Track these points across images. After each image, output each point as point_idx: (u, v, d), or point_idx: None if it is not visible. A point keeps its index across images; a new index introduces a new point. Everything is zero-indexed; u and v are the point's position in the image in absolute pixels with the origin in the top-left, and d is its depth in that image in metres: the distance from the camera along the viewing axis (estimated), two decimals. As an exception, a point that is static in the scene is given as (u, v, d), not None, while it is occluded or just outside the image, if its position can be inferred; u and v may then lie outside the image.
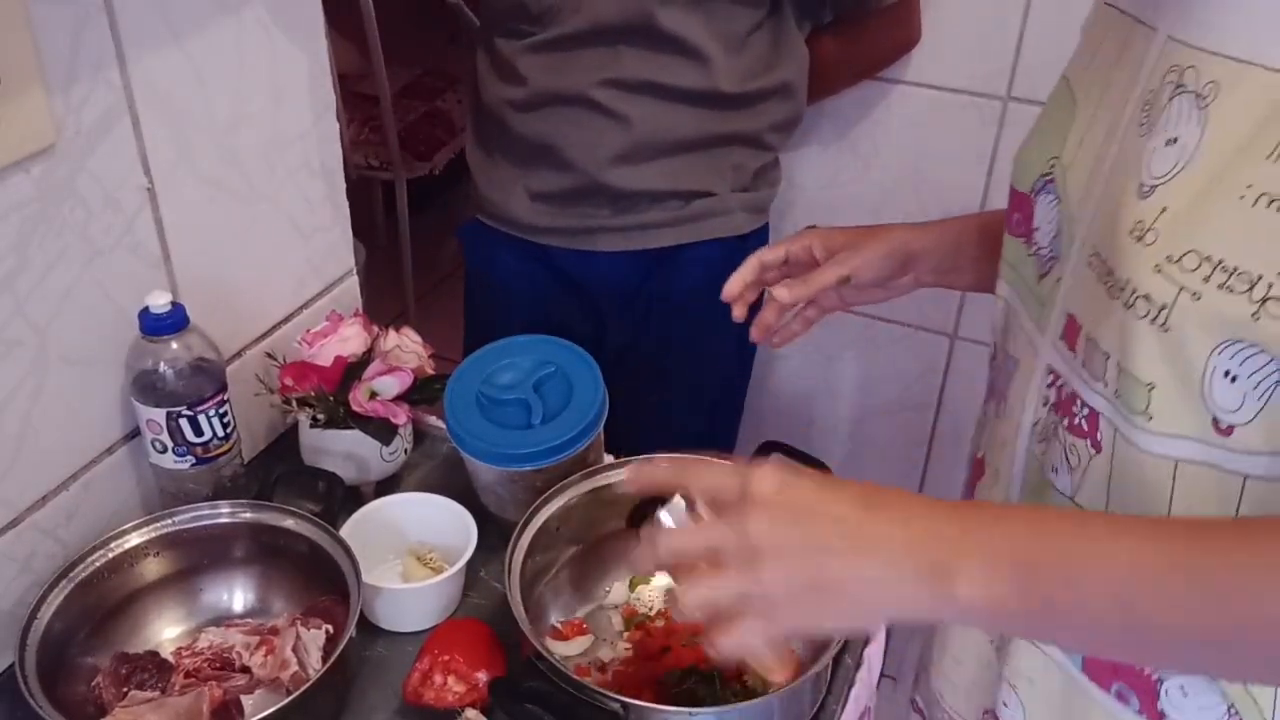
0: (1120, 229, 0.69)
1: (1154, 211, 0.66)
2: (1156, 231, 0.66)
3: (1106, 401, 0.72)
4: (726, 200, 1.49)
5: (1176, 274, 0.64)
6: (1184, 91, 0.67)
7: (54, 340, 0.94)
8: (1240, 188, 0.62)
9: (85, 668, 0.93)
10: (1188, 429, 0.67)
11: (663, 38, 1.37)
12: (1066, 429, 0.77)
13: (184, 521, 0.99)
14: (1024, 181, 0.84)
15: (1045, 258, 0.80)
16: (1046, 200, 0.80)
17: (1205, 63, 0.67)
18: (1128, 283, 0.67)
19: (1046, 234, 0.80)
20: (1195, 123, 0.66)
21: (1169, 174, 0.67)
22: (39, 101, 0.87)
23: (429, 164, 2.91)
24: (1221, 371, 0.64)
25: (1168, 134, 0.68)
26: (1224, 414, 0.65)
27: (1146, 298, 0.66)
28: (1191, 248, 0.64)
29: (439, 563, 1.05)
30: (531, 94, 1.43)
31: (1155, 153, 0.68)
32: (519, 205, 1.50)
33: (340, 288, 1.29)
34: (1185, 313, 0.64)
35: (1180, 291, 0.64)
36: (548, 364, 1.09)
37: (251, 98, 1.08)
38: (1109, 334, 0.70)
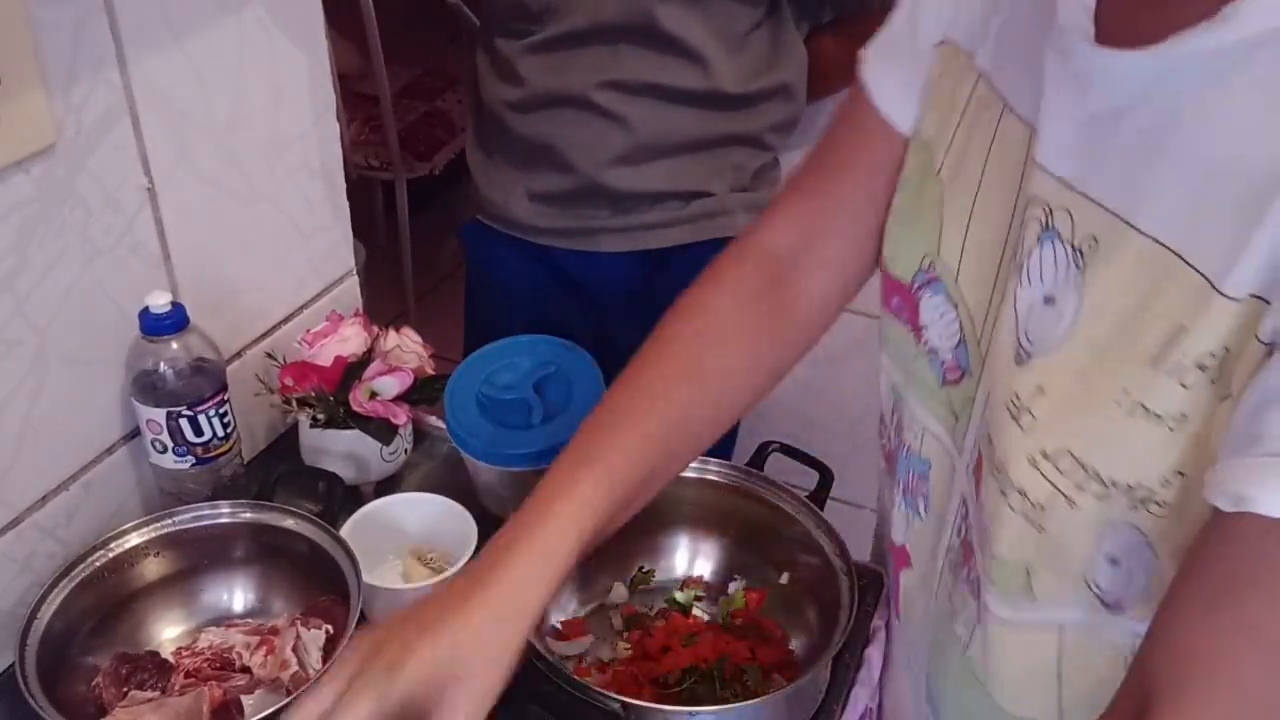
0: (997, 395, 0.63)
1: (1030, 390, 0.60)
2: (1034, 418, 0.60)
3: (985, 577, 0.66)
4: (726, 200, 1.49)
5: (1052, 473, 0.59)
6: (1055, 238, 0.60)
7: (54, 340, 0.94)
8: (1116, 391, 0.56)
9: (85, 668, 0.93)
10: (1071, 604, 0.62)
11: (662, 38, 1.37)
12: (964, 579, 0.72)
13: (184, 521, 0.99)
14: (900, 268, 0.76)
15: (948, 364, 0.73)
16: (934, 301, 0.73)
17: (1081, 210, 0.59)
18: (1004, 466, 0.61)
19: (944, 338, 0.73)
20: (1072, 285, 0.59)
21: (1046, 344, 0.60)
22: (39, 101, 0.87)
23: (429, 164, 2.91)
24: (1107, 560, 0.59)
25: (1044, 289, 0.61)
26: (1110, 596, 0.61)
27: (1021, 493, 0.61)
28: (1067, 448, 0.58)
29: (439, 563, 1.05)
30: (531, 95, 1.43)
31: (1033, 311, 0.61)
32: (519, 206, 1.50)
33: (340, 288, 1.29)
34: (1061, 518, 0.59)
35: (1055, 495, 0.59)
36: (548, 364, 1.09)
37: (251, 98, 1.08)
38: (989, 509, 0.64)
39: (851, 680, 0.96)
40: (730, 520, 1.06)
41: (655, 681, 0.95)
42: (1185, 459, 0.55)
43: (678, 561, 1.08)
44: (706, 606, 1.05)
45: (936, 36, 0.74)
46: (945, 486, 0.76)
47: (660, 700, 0.93)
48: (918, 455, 0.79)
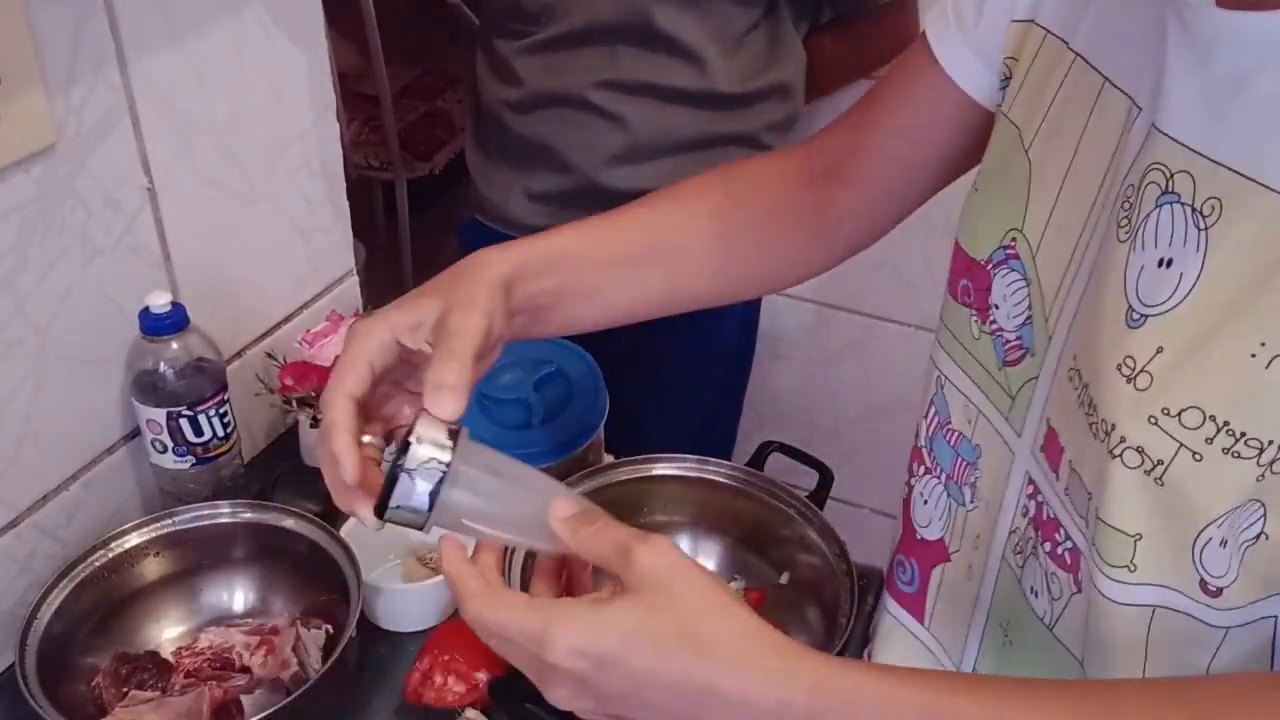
0: (1104, 359, 0.61)
1: (1147, 349, 0.59)
2: (1150, 375, 0.59)
3: (1088, 543, 0.65)
4: (726, 200, 1.49)
5: (1176, 429, 0.57)
6: (1176, 202, 0.59)
7: (54, 340, 0.94)
8: (1252, 344, 0.55)
9: (85, 668, 0.93)
10: (1174, 582, 0.61)
11: (659, 38, 1.37)
12: (1048, 555, 0.70)
13: (184, 521, 0.99)
14: (976, 248, 0.75)
15: (1011, 344, 0.72)
16: (1009, 279, 0.72)
17: (1203, 172, 0.58)
18: (1114, 429, 0.60)
19: (1012, 318, 0.72)
20: (1194, 247, 0.58)
21: (1164, 304, 0.59)
22: (39, 101, 0.87)
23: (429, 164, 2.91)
24: (1219, 541, 0.58)
25: (1159, 252, 0.60)
26: (1213, 579, 0.59)
27: (1139, 450, 0.59)
28: (1194, 403, 0.57)
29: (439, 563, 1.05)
30: (529, 95, 1.43)
31: (1144, 272, 0.60)
32: (518, 206, 1.50)
33: (340, 288, 1.29)
34: (1184, 473, 0.58)
35: (1179, 449, 0.57)
36: (548, 364, 1.09)
37: (251, 98, 1.08)
38: (1090, 474, 0.63)
39: (851, 680, 0.96)
40: (730, 520, 1.06)
41: (655, 681, 0.95)
42: None
43: (678, 561, 1.08)
44: (706, 606, 1.05)
45: (1017, 13, 0.75)
46: (999, 471, 0.75)
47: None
48: (969, 441, 0.78)
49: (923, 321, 1.82)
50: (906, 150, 0.84)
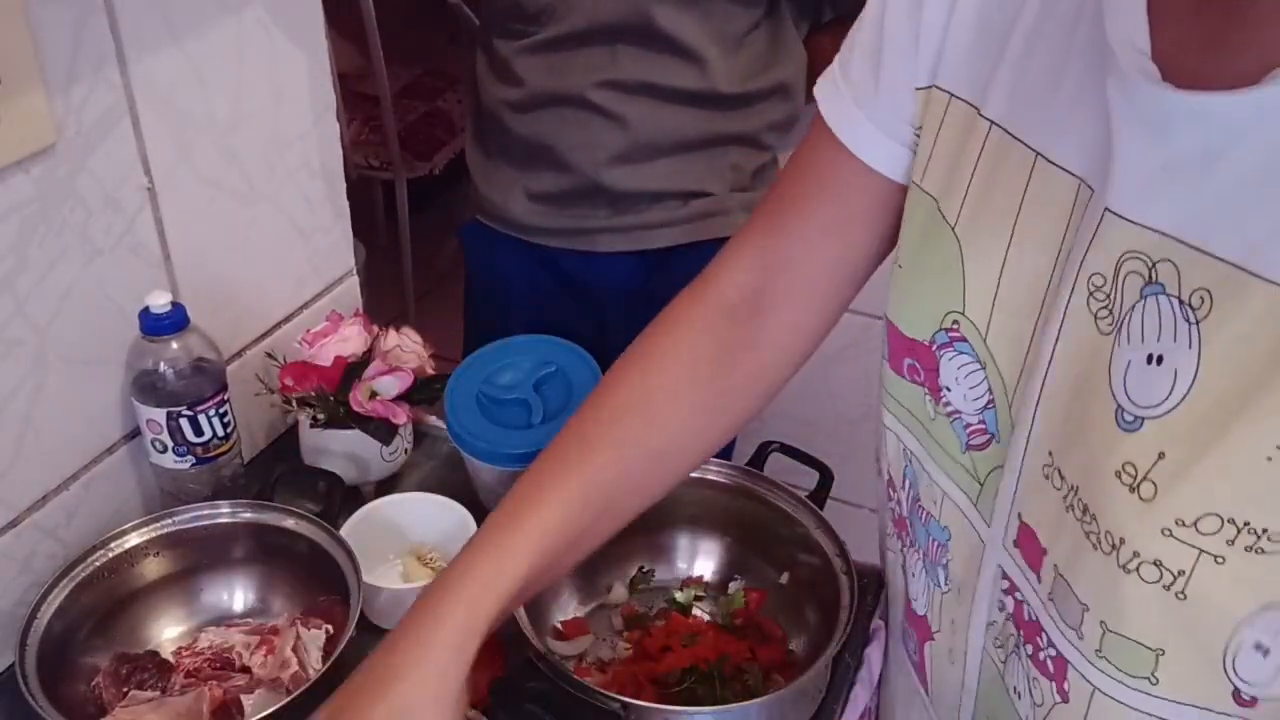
0: (1099, 464, 0.59)
1: (1148, 455, 0.56)
2: (1156, 486, 0.56)
3: (1081, 657, 0.62)
4: (725, 200, 1.49)
5: (1192, 538, 0.54)
6: (1160, 294, 0.56)
7: (54, 340, 0.94)
8: (1267, 447, 0.52)
9: (85, 668, 0.93)
10: (1201, 698, 0.58)
11: (659, 38, 1.37)
12: (1030, 659, 0.67)
13: (184, 521, 0.99)
14: (916, 329, 0.72)
15: (974, 428, 0.69)
16: (958, 361, 0.69)
17: (1187, 261, 0.55)
18: (1123, 543, 0.57)
19: (968, 400, 0.69)
20: (1186, 343, 0.55)
21: (1160, 406, 0.56)
22: (39, 101, 0.87)
23: (429, 164, 2.91)
24: (1251, 644, 0.55)
25: (1147, 347, 0.56)
26: (1248, 687, 0.56)
27: (1157, 564, 0.56)
28: (1209, 510, 0.54)
29: (439, 563, 1.05)
30: (529, 95, 1.43)
31: (1132, 369, 0.57)
32: (518, 206, 1.50)
33: (340, 288, 1.29)
34: (1207, 579, 0.55)
35: (1200, 555, 0.54)
36: (548, 364, 1.09)
37: (251, 98, 1.08)
38: (1091, 589, 0.60)
39: (851, 680, 0.96)
40: (730, 520, 1.06)
41: (655, 681, 0.95)
42: None
43: (678, 561, 1.08)
44: (706, 606, 1.05)
45: (918, 80, 0.71)
46: (970, 557, 0.72)
47: (660, 700, 0.93)
48: (937, 522, 0.75)
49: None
50: (841, 250, 0.78)
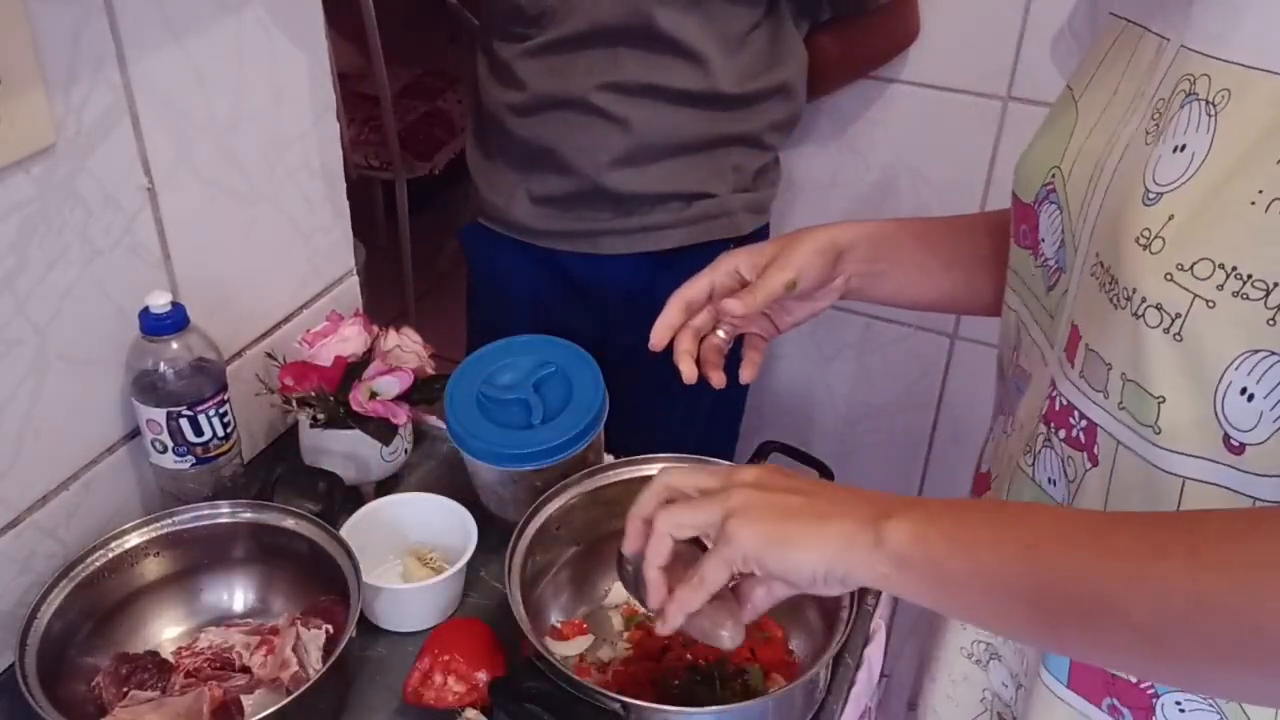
0: (1125, 236, 0.67)
1: (1161, 219, 0.65)
2: (1164, 239, 0.65)
3: (1107, 414, 0.70)
4: (728, 201, 1.49)
5: (1189, 282, 0.63)
6: (1195, 99, 0.66)
7: (54, 340, 0.94)
8: (1251, 193, 0.61)
9: (85, 668, 0.93)
10: (1197, 447, 0.66)
11: (660, 39, 1.37)
12: (1064, 441, 0.76)
13: (184, 521, 0.99)
14: (1026, 192, 0.82)
15: (1051, 269, 0.79)
16: (1050, 211, 0.79)
17: (1218, 71, 0.66)
18: (1134, 291, 0.66)
19: (1051, 245, 0.79)
20: (1205, 130, 0.65)
21: (1176, 181, 0.65)
22: (39, 101, 0.87)
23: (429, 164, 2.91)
24: (1238, 388, 0.62)
25: (1175, 141, 0.66)
26: (1237, 432, 0.64)
27: (1158, 307, 0.65)
28: (1204, 255, 0.63)
29: (439, 563, 1.05)
30: (530, 98, 1.43)
31: (1161, 160, 0.67)
32: (521, 209, 1.50)
33: (340, 288, 1.29)
34: (1200, 321, 0.63)
35: (1194, 300, 0.63)
36: (548, 364, 1.09)
37: (251, 98, 1.08)
38: (1113, 344, 0.69)
39: (851, 680, 0.96)
40: (730, 520, 1.05)
41: (655, 681, 0.95)
42: None
43: (678, 561, 1.08)
44: (706, 606, 1.05)
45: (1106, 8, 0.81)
46: (1038, 386, 0.80)
47: (660, 700, 0.93)
48: (1024, 373, 0.84)
49: (922, 321, 1.82)
50: None
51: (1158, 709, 0.75)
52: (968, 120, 1.64)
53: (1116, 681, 0.76)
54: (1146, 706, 0.75)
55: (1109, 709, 0.78)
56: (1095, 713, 0.79)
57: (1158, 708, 0.75)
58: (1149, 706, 0.75)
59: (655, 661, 0.98)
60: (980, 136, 1.64)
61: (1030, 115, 1.58)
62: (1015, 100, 1.60)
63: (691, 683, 0.95)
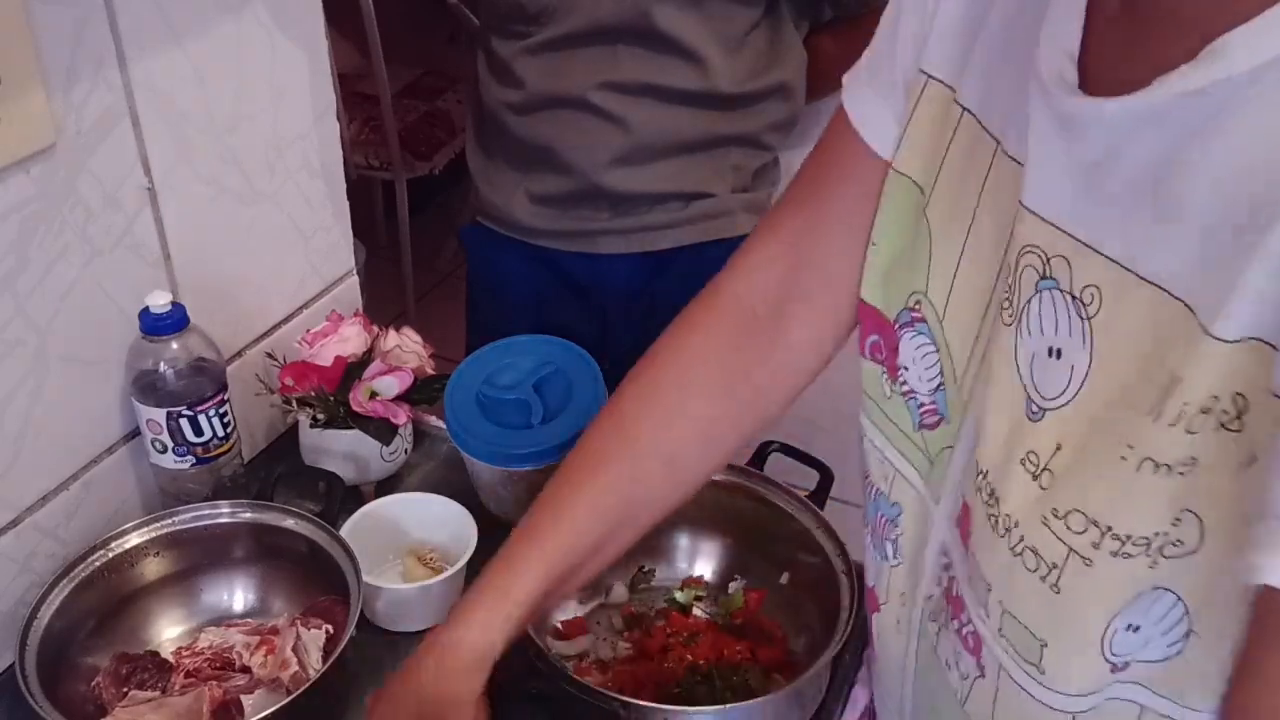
0: (1007, 450, 0.60)
1: (1048, 446, 0.58)
2: (1051, 473, 0.58)
3: (990, 634, 0.63)
4: (727, 201, 1.49)
5: (1064, 532, 0.56)
6: (1054, 288, 0.58)
7: (54, 340, 0.94)
8: (1121, 447, 0.54)
9: (85, 668, 0.93)
10: (1084, 687, 0.60)
11: (660, 38, 1.37)
12: (956, 632, 0.69)
13: (184, 521, 0.99)
14: (884, 305, 0.73)
15: (926, 408, 0.71)
16: (916, 341, 0.70)
17: (1079, 258, 0.57)
18: (1015, 526, 0.59)
19: (923, 382, 0.70)
20: (1080, 339, 0.57)
21: (1059, 399, 0.58)
22: (39, 101, 0.87)
23: (429, 164, 2.91)
24: (1124, 626, 0.56)
25: (1047, 340, 0.58)
26: (1123, 659, 0.58)
27: (1034, 551, 0.58)
28: (1076, 507, 0.56)
29: (439, 563, 1.05)
30: (529, 97, 1.43)
31: (1036, 361, 0.59)
32: (520, 208, 1.50)
33: (340, 288, 1.29)
34: (1077, 577, 0.56)
35: (1070, 554, 0.56)
36: (548, 364, 1.09)
37: (251, 98, 1.08)
38: (991, 568, 0.62)
39: (851, 680, 0.96)
40: (730, 520, 1.06)
41: (655, 681, 0.95)
42: (1199, 500, 0.52)
43: (678, 561, 1.08)
44: (706, 606, 1.05)
45: (918, 64, 0.72)
46: (918, 532, 0.73)
47: (660, 700, 0.93)
48: (887, 499, 0.76)
49: (923, 321, 1.82)
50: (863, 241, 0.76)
51: None
52: (967, 120, 1.63)
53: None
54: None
55: None
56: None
57: None
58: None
59: (655, 661, 0.98)
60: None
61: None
62: (1015, 100, 1.59)
63: (691, 683, 0.95)
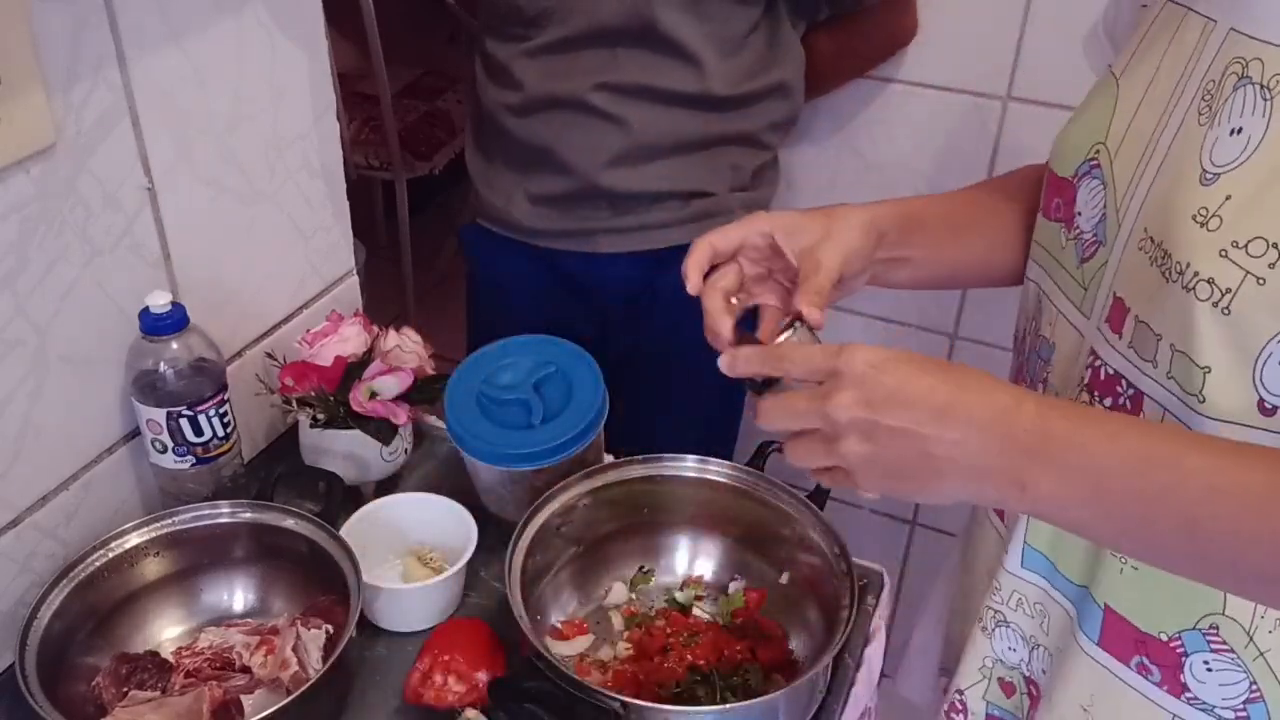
0: (1180, 214, 0.70)
1: (1218, 198, 0.68)
2: (1220, 218, 0.67)
3: (1155, 384, 0.73)
4: (726, 200, 1.49)
5: (1242, 259, 0.66)
6: (1249, 83, 0.68)
7: (54, 340, 0.94)
8: None
9: (85, 668, 0.93)
10: (1235, 413, 0.68)
11: (658, 41, 1.37)
12: (1110, 409, 0.77)
13: (184, 521, 0.99)
14: (1065, 167, 0.84)
15: (1087, 241, 0.81)
16: (1090, 185, 0.81)
17: (1271, 56, 0.68)
18: (1188, 266, 0.68)
19: (1090, 219, 0.81)
20: (1261, 114, 0.67)
21: (1233, 162, 0.68)
22: (39, 101, 0.87)
23: (429, 164, 2.91)
24: (1278, 359, 0.66)
25: (1232, 124, 0.69)
26: (1272, 397, 0.67)
27: (1210, 281, 0.67)
28: (1258, 234, 0.65)
29: (439, 563, 1.05)
30: (528, 98, 1.43)
31: (1218, 142, 0.69)
32: (519, 209, 1.50)
33: (340, 288, 1.29)
34: (1249, 297, 0.66)
35: (1245, 276, 0.66)
36: (548, 364, 1.09)
37: (251, 98, 1.08)
38: (1163, 317, 0.71)
39: (851, 680, 0.96)
40: (730, 520, 1.06)
41: (655, 681, 0.95)
42: None
43: (678, 561, 1.08)
44: (706, 606, 1.05)
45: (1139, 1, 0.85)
46: (1070, 354, 0.82)
47: (660, 700, 0.93)
48: (1047, 342, 0.86)
49: (922, 321, 1.82)
50: None
51: (1186, 667, 0.76)
52: (968, 120, 1.63)
53: (1147, 641, 0.78)
54: (1175, 664, 0.76)
55: (1137, 667, 0.79)
56: (1124, 670, 0.80)
57: (1186, 666, 0.76)
58: (1177, 664, 0.76)
59: (655, 661, 0.98)
60: (980, 136, 1.64)
61: (1030, 115, 1.58)
62: (1015, 100, 1.60)
63: (691, 683, 0.95)
